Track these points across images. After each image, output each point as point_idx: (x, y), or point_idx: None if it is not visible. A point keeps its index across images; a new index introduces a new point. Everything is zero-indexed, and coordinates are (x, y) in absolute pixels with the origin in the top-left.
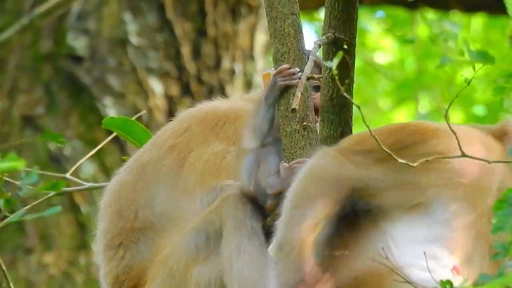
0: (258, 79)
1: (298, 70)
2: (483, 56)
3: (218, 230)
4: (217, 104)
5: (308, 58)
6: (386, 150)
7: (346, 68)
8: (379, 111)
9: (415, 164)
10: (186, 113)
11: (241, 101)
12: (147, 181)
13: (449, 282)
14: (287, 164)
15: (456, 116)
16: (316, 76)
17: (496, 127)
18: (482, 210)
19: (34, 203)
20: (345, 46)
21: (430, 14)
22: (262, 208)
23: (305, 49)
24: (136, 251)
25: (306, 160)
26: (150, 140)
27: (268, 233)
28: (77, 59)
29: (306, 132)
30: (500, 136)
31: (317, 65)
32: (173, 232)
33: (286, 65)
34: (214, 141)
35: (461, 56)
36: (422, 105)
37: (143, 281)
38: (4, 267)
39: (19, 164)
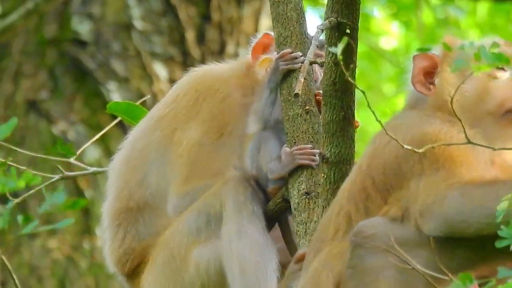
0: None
1: (301, 54)
2: (499, 58)
3: (218, 213)
4: (204, 74)
5: (311, 42)
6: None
7: (349, 53)
8: (383, 97)
9: (420, 150)
10: (179, 81)
11: (227, 72)
12: (138, 158)
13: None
14: (288, 149)
15: None
16: (319, 61)
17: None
18: None
19: (38, 188)
20: (348, 31)
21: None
22: (265, 192)
23: (307, 33)
24: (136, 232)
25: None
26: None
27: (269, 217)
28: (82, 43)
29: (308, 116)
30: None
31: (319, 50)
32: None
33: (288, 49)
34: (194, 123)
35: (477, 59)
36: None
37: (146, 259)
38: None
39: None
